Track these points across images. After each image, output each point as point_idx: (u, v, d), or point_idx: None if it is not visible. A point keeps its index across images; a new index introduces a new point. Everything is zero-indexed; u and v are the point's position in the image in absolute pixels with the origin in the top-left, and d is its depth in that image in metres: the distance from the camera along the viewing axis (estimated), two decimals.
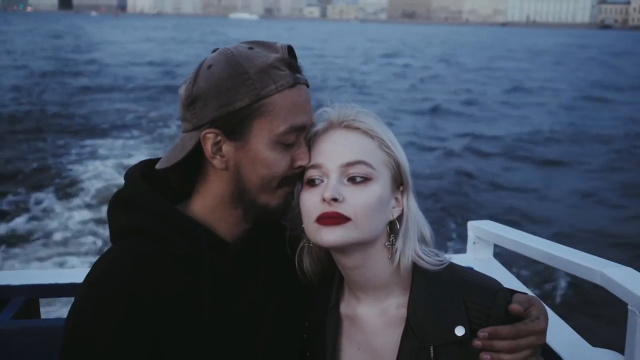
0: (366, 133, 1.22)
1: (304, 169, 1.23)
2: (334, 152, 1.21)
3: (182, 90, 1.24)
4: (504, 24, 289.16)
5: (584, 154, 14.91)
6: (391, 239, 1.24)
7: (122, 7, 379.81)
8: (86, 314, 1.13)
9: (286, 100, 1.19)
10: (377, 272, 1.24)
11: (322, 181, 1.20)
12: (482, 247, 2.38)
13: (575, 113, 21.33)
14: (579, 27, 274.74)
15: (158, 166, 1.25)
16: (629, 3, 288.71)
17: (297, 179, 1.25)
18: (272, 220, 1.29)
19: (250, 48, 1.22)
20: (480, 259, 2.36)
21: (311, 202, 1.19)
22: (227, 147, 1.20)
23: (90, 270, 1.19)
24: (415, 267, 1.25)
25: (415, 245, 1.24)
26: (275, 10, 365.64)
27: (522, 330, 1.14)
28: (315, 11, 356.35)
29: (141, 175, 1.26)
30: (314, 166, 1.22)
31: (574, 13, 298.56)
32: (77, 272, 1.99)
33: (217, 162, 1.21)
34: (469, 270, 1.29)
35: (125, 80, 26.01)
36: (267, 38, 1.30)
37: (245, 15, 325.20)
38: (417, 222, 1.26)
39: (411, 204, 1.26)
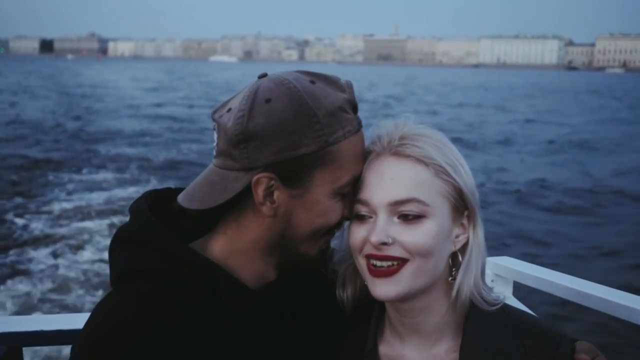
0: (419, 161, 1.08)
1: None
2: (382, 187, 1.08)
3: (227, 122, 1.07)
4: (476, 66, 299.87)
5: None
6: (453, 273, 1.12)
7: (104, 50, 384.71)
8: None
9: (351, 149, 1.10)
10: (433, 313, 1.13)
11: (371, 217, 1.09)
12: (501, 285, 2.21)
13: None
14: (547, 68, 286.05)
15: (187, 205, 1.10)
16: (593, 45, 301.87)
17: (339, 228, 1.17)
18: (305, 269, 1.19)
19: (312, 82, 1.09)
20: None
21: (359, 238, 1.09)
22: (280, 194, 1.08)
23: (91, 317, 1.07)
24: (471, 307, 1.12)
25: (477, 280, 1.11)
26: (255, 53, 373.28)
27: None
28: (294, 54, 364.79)
29: (149, 208, 1.13)
30: (360, 201, 1.10)
31: (542, 55, 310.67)
32: (63, 318, 1.84)
33: (266, 209, 1.08)
34: (522, 311, 1.19)
35: None
36: (248, 79, 1.18)
37: (225, 58, 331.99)
38: (481, 250, 1.13)
39: (478, 232, 1.13)
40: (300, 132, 1.04)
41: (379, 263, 1.06)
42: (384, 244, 1.04)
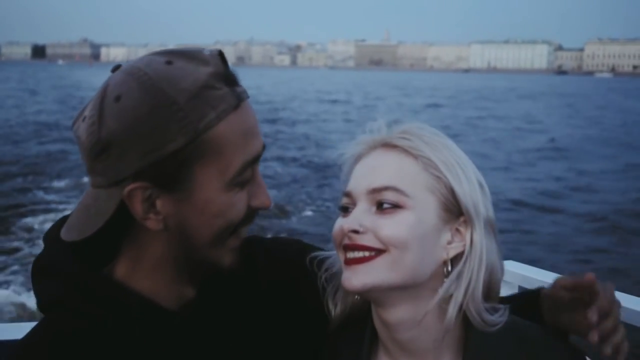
0: (407, 152, 1.01)
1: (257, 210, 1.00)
2: (364, 176, 1.03)
3: (81, 132, 0.91)
4: (467, 70, 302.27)
5: None
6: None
7: (96, 56, 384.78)
8: None
9: (233, 129, 0.91)
10: (424, 329, 1.02)
11: (354, 208, 1.03)
12: (505, 291, 1.97)
13: None
14: (537, 72, 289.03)
15: (66, 237, 0.94)
16: (582, 50, 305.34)
17: (251, 221, 1.00)
18: (225, 273, 1.02)
19: (169, 62, 0.90)
20: None
21: (338, 229, 1.02)
22: (163, 202, 0.92)
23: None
24: (470, 324, 1.02)
25: (476, 298, 0.99)
26: (247, 58, 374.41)
27: (608, 301, 1.00)
28: (286, 59, 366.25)
29: (61, 235, 0.97)
30: (345, 193, 1.05)
31: (532, 59, 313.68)
32: (28, 326, 1.43)
33: (152, 223, 0.92)
34: (528, 323, 1.07)
35: None
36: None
37: None
38: (482, 265, 1.00)
39: (477, 241, 1.00)
40: (162, 126, 0.86)
41: (351, 254, 0.99)
42: (356, 231, 0.98)
